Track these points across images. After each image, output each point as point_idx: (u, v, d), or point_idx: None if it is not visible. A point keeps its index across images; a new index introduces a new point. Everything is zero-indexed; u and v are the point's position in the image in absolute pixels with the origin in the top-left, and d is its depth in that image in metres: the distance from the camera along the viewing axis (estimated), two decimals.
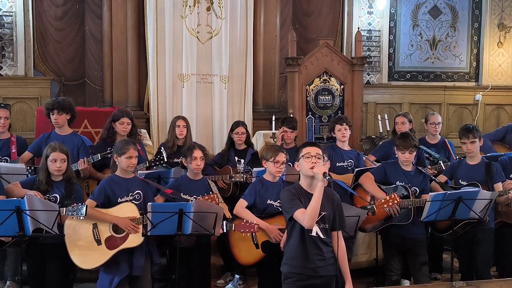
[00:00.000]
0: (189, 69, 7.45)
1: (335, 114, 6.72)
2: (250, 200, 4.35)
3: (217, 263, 5.31)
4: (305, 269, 3.31)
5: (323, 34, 8.39)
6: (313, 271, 3.30)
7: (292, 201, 3.31)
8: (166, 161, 4.93)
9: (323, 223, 3.32)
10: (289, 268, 3.37)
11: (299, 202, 3.29)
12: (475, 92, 9.18)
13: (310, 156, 3.31)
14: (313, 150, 3.34)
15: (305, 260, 3.30)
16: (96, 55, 7.93)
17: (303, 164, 3.34)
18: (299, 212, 3.24)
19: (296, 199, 3.30)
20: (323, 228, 3.32)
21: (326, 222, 3.34)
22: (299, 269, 3.32)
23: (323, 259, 3.31)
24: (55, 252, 4.04)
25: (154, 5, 7.27)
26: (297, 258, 3.33)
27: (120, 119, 5.19)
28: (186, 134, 5.55)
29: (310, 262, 3.29)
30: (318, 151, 3.35)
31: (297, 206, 3.27)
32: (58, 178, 4.19)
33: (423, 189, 4.50)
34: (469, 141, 4.63)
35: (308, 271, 3.31)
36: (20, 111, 7.60)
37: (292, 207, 3.28)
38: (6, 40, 7.67)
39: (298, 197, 3.31)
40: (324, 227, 3.33)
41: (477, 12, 9.23)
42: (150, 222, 3.89)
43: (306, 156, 3.32)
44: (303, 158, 3.33)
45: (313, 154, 3.32)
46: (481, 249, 4.59)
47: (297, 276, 3.33)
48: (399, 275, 4.61)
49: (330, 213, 3.36)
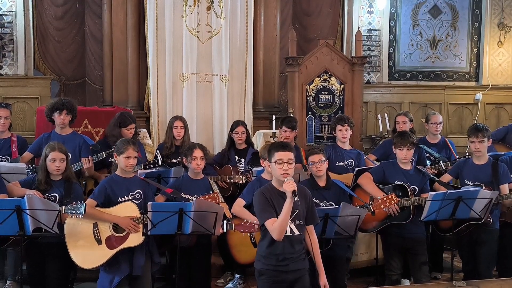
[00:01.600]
0: (189, 68, 7.45)
1: (335, 113, 6.72)
2: (248, 200, 4.35)
3: (217, 263, 5.31)
4: (276, 266, 3.38)
5: (323, 33, 8.39)
6: (284, 267, 3.37)
7: (264, 208, 3.37)
8: (160, 165, 4.95)
9: (298, 220, 3.39)
10: (262, 265, 3.44)
11: (271, 209, 3.35)
12: (475, 92, 9.19)
13: (282, 162, 3.35)
14: (285, 156, 3.36)
15: (277, 259, 3.37)
16: (96, 54, 7.93)
17: (275, 169, 3.38)
18: (269, 222, 3.32)
19: (269, 206, 3.36)
20: (299, 225, 3.40)
21: (301, 218, 3.41)
22: (271, 266, 3.39)
23: (294, 257, 3.38)
24: (55, 251, 4.05)
25: (154, 5, 7.27)
26: (269, 257, 3.40)
27: (128, 125, 5.24)
28: (183, 134, 5.55)
29: (281, 260, 3.37)
30: (290, 156, 3.38)
31: (268, 215, 3.33)
32: (57, 178, 4.19)
33: (422, 188, 4.50)
34: (477, 140, 4.61)
35: (279, 267, 3.38)
36: (20, 111, 7.61)
37: (264, 215, 3.36)
38: (6, 39, 7.67)
39: (271, 200, 3.37)
40: (299, 223, 3.40)
41: (477, 11, 9.23)
42: (150, 222, 3.89)
43: (278, 162, 3.36)
44: (276, 163, 3.37)
45: (285, 160, 3.35)
46: (484, 249, 4.58)
47: (269, 273, 3.40)
48: (399, 275, 4.61)
49: (304, 209, 3.44)
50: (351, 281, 4.98)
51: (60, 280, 4.18)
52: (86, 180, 5.04)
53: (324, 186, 4.39)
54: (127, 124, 5.24)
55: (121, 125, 5.25)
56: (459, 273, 5.03)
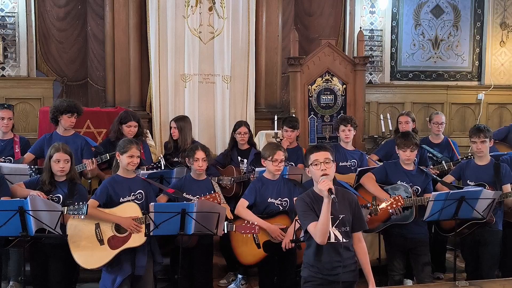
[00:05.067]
0: (191, 69, 7.45)
1: (338, 113, 6.71)
2: (251, 200, 4.36)
3: (219, 263, 5.31)
4: (324, 275, 3.27)
5: (325, 33, 8.39)
6: (333, 277, 3.25)
7: (305, 212, 3.25)
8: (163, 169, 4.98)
9: (343, 227, 3.25)
10: (308, 273, 3.32)
11: (312, 213, 3.23)
12: (478, 92, 9.17)
13: (318, 163, 3.24)
14: (321, 156, 3.25)
15: (324, 268, 3.26)
16: (98, 55, 7.94)
17: (313, 171, 3.27)
18: (311, 226, 3.19)
19: (309, 210, 3.25)
20: (344, 231, 3.25)
21: (347, 224, 3.27)
22: (319, 274, 3.28)
23: (343, 266, 3.22)
24: (58, 252, 4.05)
25: (156, 5, 7.27)
26: (316, 265, 3.28)
27: (127, 122, 5.25)
28: (179, 135, 5.56)
29: (329, 269, 3.25)
30: (327, 155, 3.26)
31: (309, 219, 3.21)
32: (61, 179, 4.20)
33: (425, 189, 4.49)
34: (479, 140, 4.60)
35: (327, 277, 3.26)
36: (23, 112, 7.63)
37: (306, 220, 3.23)
38: (8, 40, 7.68)
39: (312, 205, 3.25)
40: (345, 230, 3.26)
41: (480, 11, 9.21)
42: (153, 222, 3.89)
43: (315, 163, 3.25)
44: (312, 165, 3.27)
45: (321, 160, 3.24)
46: (487, 250, 4.56)
47: (317, 281, 3.28)
48: (402, 275, 4.60)
49: (349, 215, 3.30)
50: None
51: (63, 281, 4.18)
52: (91, 180, 5.05)
53: None
54: (126, 121, 5.26)
55: (121, 121, 5.29)
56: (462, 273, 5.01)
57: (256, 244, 4.29)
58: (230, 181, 5.09)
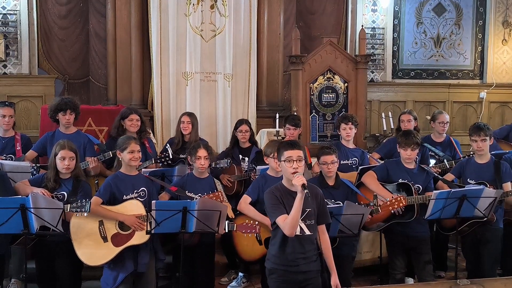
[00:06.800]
0: (192, 67, 7.45)
1: (339, 112, 6.71)
2: (254, 196, 4.36)
3: (221, 261, 5.32)
4: (287, 266, 3.36)
5: (327, 32, 8.37)
6: (294, 268, 3.35)
7: (274, 205, 3.35)
8: (171, 158, 4.95)
9: (309, 220, 3.37)
10: (272, 264, 3.42)
11: (281, 206, 3.33)
12: (480, 90, 9.16)
13: (291, 160, 3.33)
14: (294, 154, 3.34)
15: (286, 259, 3.35)
16: (100, 53, 7.94)
17: (285, 168, 3.36)
18: (280, 219, 3.29)
19: (279, 203, 3.34)
20: (310, 225, 3.37)
21: (312, 218, 3.39)
22: (281, 266, 3.37)
23: (304, 257, 3.35)
24: (64, 249, 4.04)
25: (157, 3, 7.27)
26: (279, 256, 3.38)
27: (129, 115, 5.24)
28: (191, 130, 5.55)
29: (290, 260, 3.35)
30: (300, 154, 3.36)
31: (278, 212, 3.31)
32: (66, 176, 4.20)
33: (426, 187, 4.49)
34: (480, 138, 4.60)
35: (288, 268, 3.36)
36: (25, 110, 7.63)
37: (274, 212, 3.33)
38: (10, 38, 7.69)
39: (281, 199, 3.35)
40: (310, 223, 3.38)
41: (482, 9, 9.20)
42: (154, 220, 3.89)
43: (288, 160, 3.34)
44: (285, 162, 3.35)
45: (295, 158, 3.33)
46: (488, 248, 4.56)
47: (279, 272, 3.38)
48: (403, 274, 4.61)
49: (315, 208, 3.41)
50: (355, 280, 4.97)
51: (72, 275, 4.19)
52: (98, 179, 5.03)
53: (333, 185, 4.41)
54: (128, 114, 5.25)
55: (123, 116, 5.28)
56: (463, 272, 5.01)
57: (258, 241, 4.30)
58: (227, 163, 5.09)
